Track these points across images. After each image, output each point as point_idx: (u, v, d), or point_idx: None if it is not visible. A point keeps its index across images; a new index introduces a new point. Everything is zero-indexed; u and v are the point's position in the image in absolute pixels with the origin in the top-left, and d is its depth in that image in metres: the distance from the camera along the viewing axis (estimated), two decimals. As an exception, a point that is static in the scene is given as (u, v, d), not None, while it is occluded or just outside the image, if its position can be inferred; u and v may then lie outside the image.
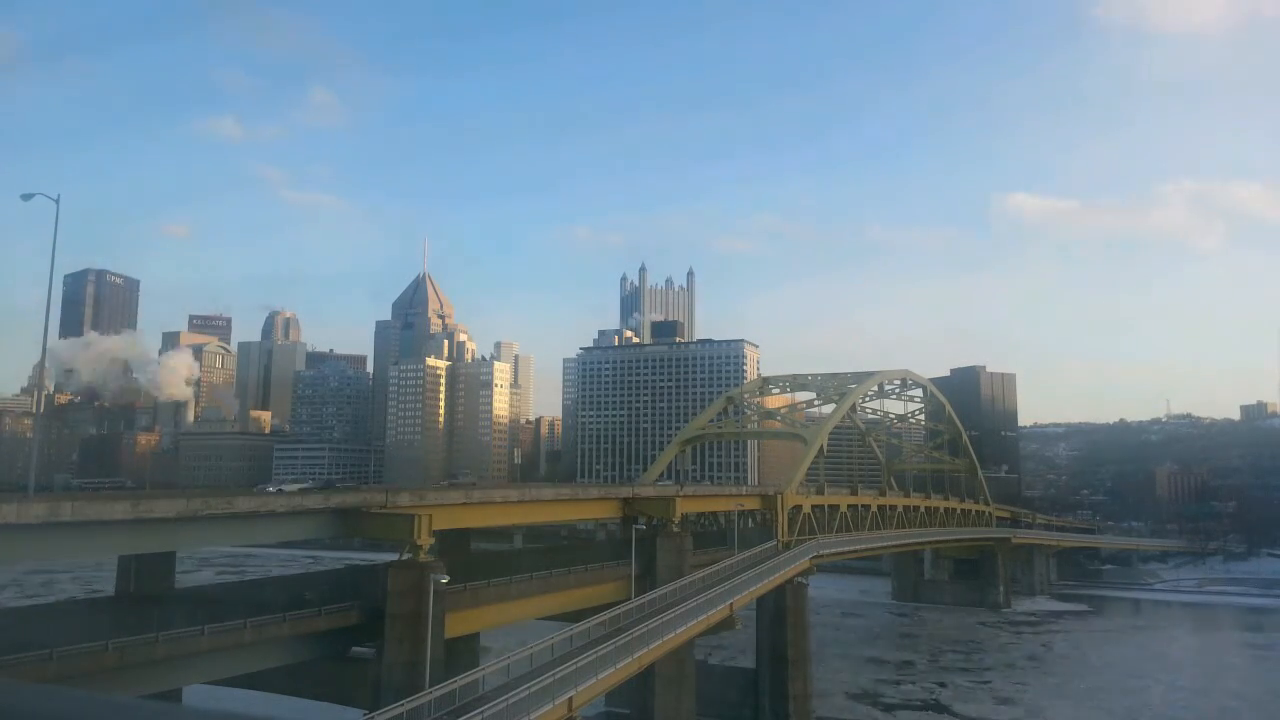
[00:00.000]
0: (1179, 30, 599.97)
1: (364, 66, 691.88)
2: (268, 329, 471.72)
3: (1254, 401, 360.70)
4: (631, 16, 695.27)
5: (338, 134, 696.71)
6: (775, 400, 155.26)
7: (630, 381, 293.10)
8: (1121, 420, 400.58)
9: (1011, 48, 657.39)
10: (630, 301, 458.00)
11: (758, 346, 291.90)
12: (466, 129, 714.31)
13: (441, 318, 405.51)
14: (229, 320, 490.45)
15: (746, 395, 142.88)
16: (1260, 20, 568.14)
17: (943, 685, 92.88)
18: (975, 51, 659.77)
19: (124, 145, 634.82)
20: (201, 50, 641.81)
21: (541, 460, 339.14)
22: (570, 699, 37.67)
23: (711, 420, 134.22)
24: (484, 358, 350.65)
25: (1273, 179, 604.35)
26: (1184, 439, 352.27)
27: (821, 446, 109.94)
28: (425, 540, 45.91)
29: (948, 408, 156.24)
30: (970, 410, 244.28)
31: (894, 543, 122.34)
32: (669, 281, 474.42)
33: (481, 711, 32.62)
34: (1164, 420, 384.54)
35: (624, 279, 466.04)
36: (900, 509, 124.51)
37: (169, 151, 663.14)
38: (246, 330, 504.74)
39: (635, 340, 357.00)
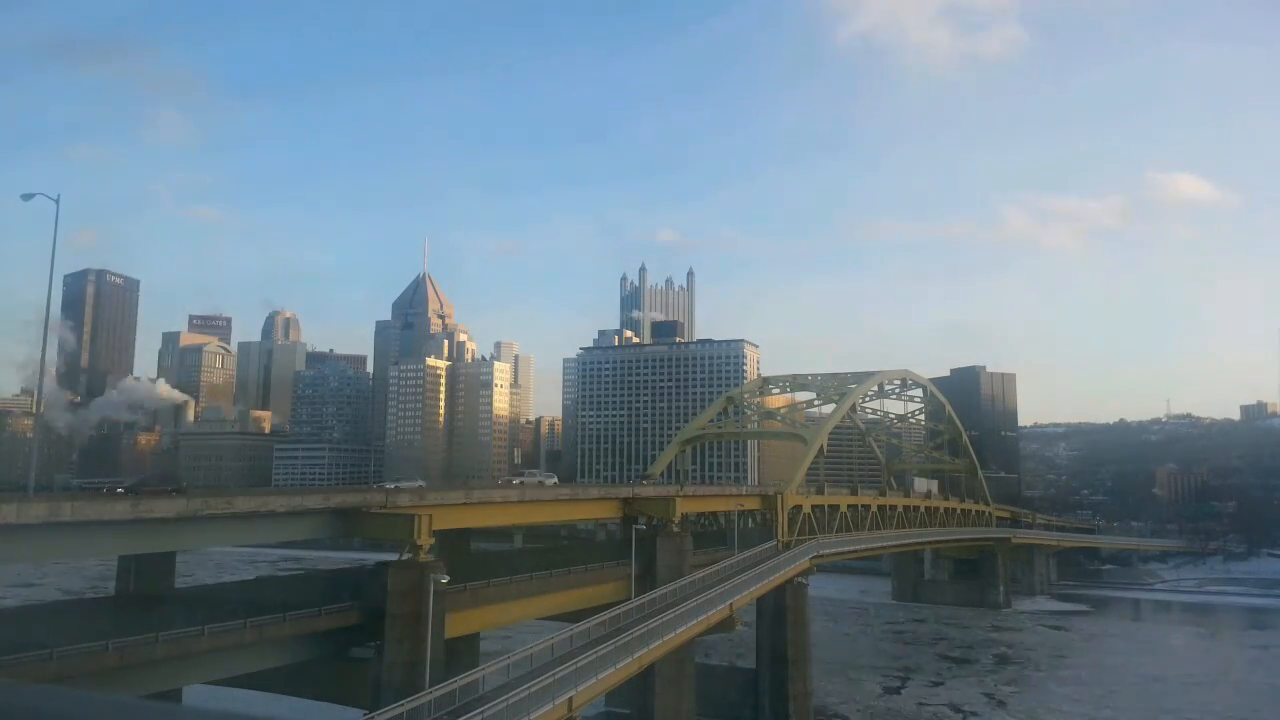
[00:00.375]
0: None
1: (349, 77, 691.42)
2: (268, 329, 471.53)
3: (1254, 401, 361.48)
4: (631, 16, 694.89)
5: (330, 140, 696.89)
6: (775, 400, 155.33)
7: (630, 381, 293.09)
8: (1121, 420, 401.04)
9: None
10: (630, 301, 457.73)
11: (758, 346, 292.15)
12: (466, 131, 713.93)
13: (441, 318, 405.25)
14: (229, 320, 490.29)
15: (746, 395, 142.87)
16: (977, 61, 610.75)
17: (943, 685, 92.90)
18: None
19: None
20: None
21: (541, 460, 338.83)
22: (570, 699, 37.68)
23: (711, 420, 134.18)
24: (484, 358, 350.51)
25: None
26: (1184, 439, 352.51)
27: (821, 446, 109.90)
28: (425, 540, 45.91)
29: (948, 408, 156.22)
30: (970, 410, 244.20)
31: (894, 543, 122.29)
32: (669, 281, 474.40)
33: (481, 711, 32.64)
34: (1164, 420, 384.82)
35: (624, 279, 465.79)
36: (900, 509, 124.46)
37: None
38: (246, 330, 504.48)
39: (635, 340, 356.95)
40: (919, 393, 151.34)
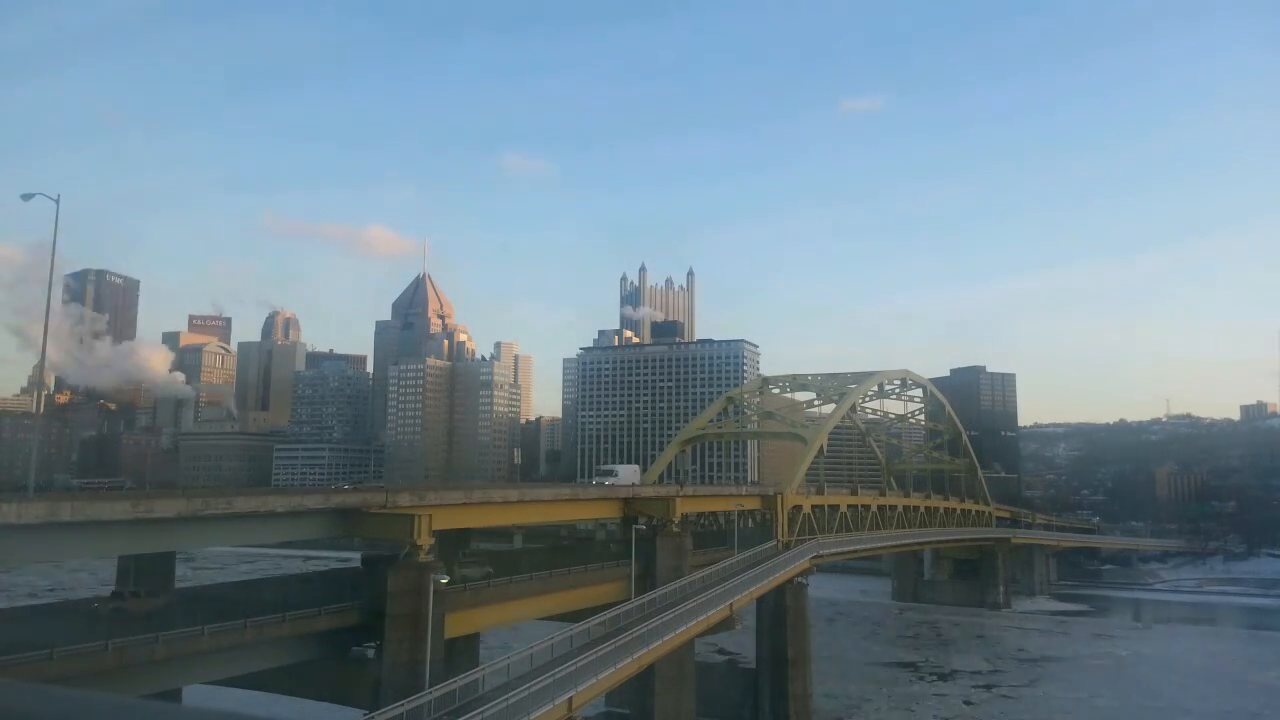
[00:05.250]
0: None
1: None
2: (267, 329, 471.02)
3: (1254, 401, 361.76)
4: (632, 18, 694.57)
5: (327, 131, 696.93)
6: (775, 400, 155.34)
7: (630, 381, 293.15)
8: (1121, 420, 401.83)
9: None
10: (630, 301, 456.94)
11: (757, 346, 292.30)
12: (465, 127, 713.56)
13: (441, 318, 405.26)
14: (229, 320, 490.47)
15: (746, 395, 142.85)
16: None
17: (942, 685, 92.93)
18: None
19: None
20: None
21: (541, 460, 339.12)
22: (570, 699, 37.70)
23: (711, 420, 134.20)
24: (484, 357, 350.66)
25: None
26: (1184, 439, 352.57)
27: (821, 446, 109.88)
28: (425, 540, 45.94)
29: (947, 408, 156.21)
30: (970, 410, 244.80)
31: (894, 543, 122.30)
32: (669, 281, 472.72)
33: (481, 711, 32.65)
34: (1164, 420, 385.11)
35: (624, 278, 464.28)
36: (900, 509, 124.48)
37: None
38: (246, 330, 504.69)
39: (635, 340, 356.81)
40: (919, 393, 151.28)
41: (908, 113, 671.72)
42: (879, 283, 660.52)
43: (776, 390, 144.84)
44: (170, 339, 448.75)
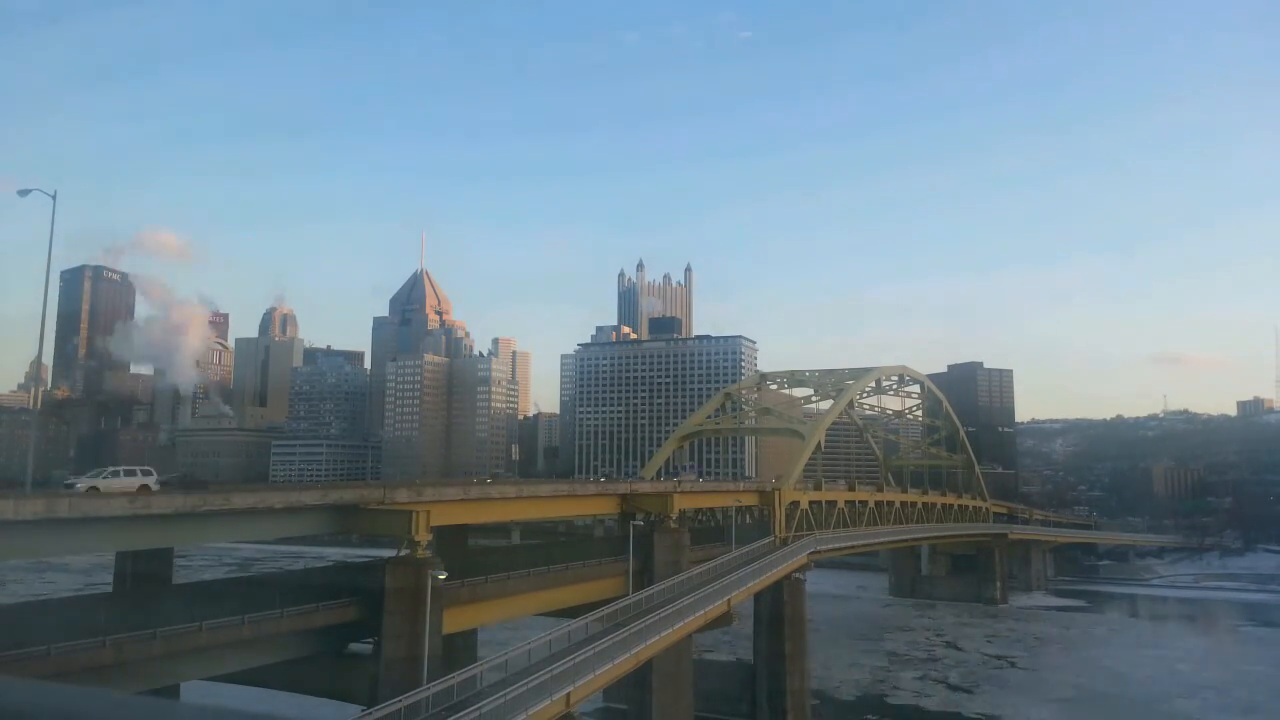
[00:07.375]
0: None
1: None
2: (265, 325, 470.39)
3: (1250, 397, 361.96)
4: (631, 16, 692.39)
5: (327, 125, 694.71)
6: (773, 396, 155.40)
7: (628, 378, 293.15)
8: (1119, 416, 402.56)
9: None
10: (628, 297, 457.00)
11: (755, 343, 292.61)
12: (463, 125, 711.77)
13: (439, 314, 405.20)
14: (226, 316, 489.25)
15: (744, 391, 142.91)
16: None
17: (939, 681, 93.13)
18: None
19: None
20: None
21: (539, 456, 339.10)
22: (568, 695, 37.74)
23: (709, 416, 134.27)
24: (482, 354, 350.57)
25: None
26: (1181, 435, 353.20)
27: (819, 442, 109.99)
28: (423, 536, 45.95)
29: (945, 404, 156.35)
30: (968, 406, 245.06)
31: (891, 538, 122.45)
32: (666, 278, 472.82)
33: (479, 707, 32.68)
34: (1161, 416, 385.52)
35: (621, 275, 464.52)
36: (897, 505, 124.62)
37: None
38: (244, 326, 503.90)
39: (633, 336, 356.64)
40: (916, 389, 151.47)
41: (899, 101, 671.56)
42: (876, 279, 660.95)
43: (774, 386, 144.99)
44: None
